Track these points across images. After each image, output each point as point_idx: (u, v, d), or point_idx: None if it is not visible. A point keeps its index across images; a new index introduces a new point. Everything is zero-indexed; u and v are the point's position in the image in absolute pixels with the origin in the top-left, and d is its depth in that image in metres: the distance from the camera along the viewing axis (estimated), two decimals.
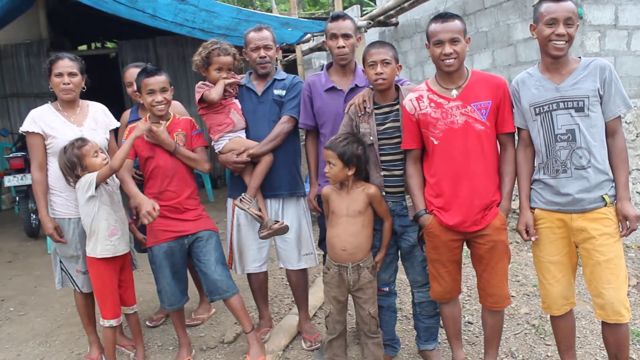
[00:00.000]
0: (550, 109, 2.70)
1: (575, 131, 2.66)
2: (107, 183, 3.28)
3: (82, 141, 3.22)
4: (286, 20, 7.70)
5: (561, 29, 2.60)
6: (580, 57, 2.76)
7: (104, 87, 13.35)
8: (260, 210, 3.49)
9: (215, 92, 3.41)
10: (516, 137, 2.96)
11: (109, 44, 16.00)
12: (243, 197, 3.47)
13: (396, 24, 9.39)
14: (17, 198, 7.25)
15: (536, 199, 2.85)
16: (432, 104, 2.88)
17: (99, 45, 16.33)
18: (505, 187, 2.91)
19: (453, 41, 2.77)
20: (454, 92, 2.86)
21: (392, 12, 8.54)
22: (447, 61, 2.80)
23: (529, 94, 2.77)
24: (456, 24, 2.80)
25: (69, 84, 3.35)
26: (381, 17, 8.80)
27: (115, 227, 3.28)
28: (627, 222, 2.64)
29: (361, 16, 9.73)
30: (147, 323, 4.18)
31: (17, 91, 10.18)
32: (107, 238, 3.25)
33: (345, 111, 3.22)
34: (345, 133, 3.11)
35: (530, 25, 2.79)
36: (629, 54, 5.98)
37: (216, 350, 3.74)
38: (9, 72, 10.09)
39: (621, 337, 2.75)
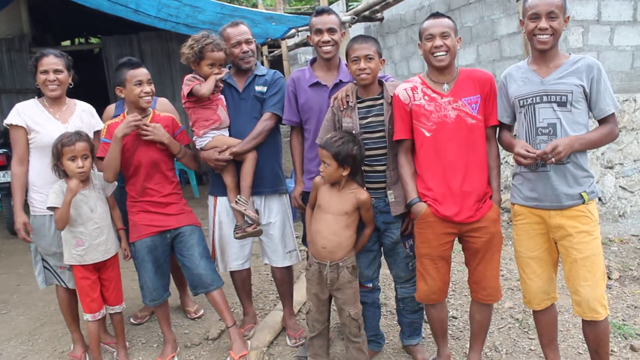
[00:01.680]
0: (534, 102, 2.71)
1: (556, 125, 2.66)
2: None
3: (72, 137, 3.15)
4: (270, 15, 7.67)
5: (543, 23, 2.62)
6: (570, 54, 2.76)
7: (88, 83, 13.29)
8: (257, 211, 3.47)
9: (206, 88, 3.34)
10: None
11: (93, 40, 15.82)
12: (239, 199, 3.43)
13: (381, 19, 9.40)
14: (0, 195, 7.16)
15: (515, 194, 2.87)
16: (426, 97, 2.89)
17: (82, 40, 16.15)
18: (494, 180, 2.95)
19: (444, 35, 2.80)
20: (446, 87, 2.88)
21: (377, 7, 8.55)
22: (438, 54, 2.81)
23: (515, 87, 2.80)
24: (447, 21, 2.86)
25: (54, 80, 3.32)
26: (366, 12, 8.81)
27: (81, 239, 3.23)
28: (553, 147, 2.54)
29: (346, 11, 9.72)
30: (132, 320, 4.15)
31: (1, 87, 10.04)
32: (73, 247, 3.24)
33: (330, 105, 3.20)
34: (341, 132, 3.04)
35: (520, 20, 2.82)
36: (611, 49, 6.03)
37: (200, 347, 3.72)
38: None
39: (600, 333, 2.77)
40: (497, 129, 2.97)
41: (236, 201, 3.44)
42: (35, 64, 3.34)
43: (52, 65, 3.32)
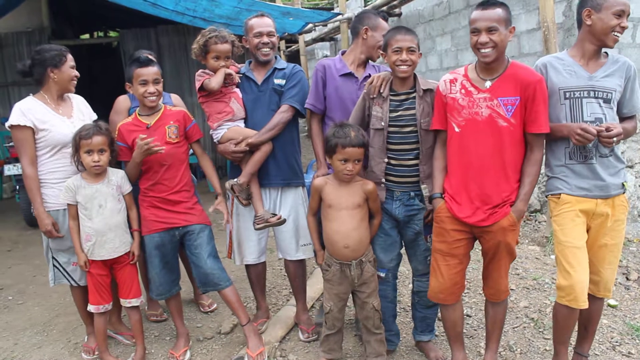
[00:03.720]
0: (581, 95, 2.77)
1: (602, 120, 2.74)
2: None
3: (91, 130, 3.15)
4: (287, 10, 7.66)
5: (625, 22, 2.70)
6: (606, 52, 2.83)
7: (106, 76, 13.37)
8: (248, 199, 3.46)
9: (215, 81, 3.38)
10: None
11: (111, 33, 15.93)
12: (235, 183, 3.45)
13: (399, 15, 9.32)
14: (18, 187, 7.23)
15: (561, 185, 2.85)
16: (463, 91, 2.83)
17: (101, 34, 16.27)
18: (524, 187, 2.81)
19: (490, 30, 2.65)
20: (487, 83, 2.78)
21: (395, 2, 8.48)
22: (483, 50, 2.69)
23: (560, 78, 2.82)
24: (496, 12, 2.66)
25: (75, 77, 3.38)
26: (384, 8, 8.73)
27: (89, 234, 3.23)
28: (618, 133, 2.66)
29: (364, 7, 9.67)
30: (150, 317, 4.10)
31: (18, 79, 10.11)
32: (83, 241, 3.25)
33: (364, 89, 3.15)
34: (343, 126, 2.98)
35: (586, 10, 2.77)
36: (633, 46, 5.92)
37: (213, 341, 3.73)
38: (10, 61, 9.99)
39: (597, 309, 3.00)
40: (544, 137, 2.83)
41: (232, 185, 3.44)
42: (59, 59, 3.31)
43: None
